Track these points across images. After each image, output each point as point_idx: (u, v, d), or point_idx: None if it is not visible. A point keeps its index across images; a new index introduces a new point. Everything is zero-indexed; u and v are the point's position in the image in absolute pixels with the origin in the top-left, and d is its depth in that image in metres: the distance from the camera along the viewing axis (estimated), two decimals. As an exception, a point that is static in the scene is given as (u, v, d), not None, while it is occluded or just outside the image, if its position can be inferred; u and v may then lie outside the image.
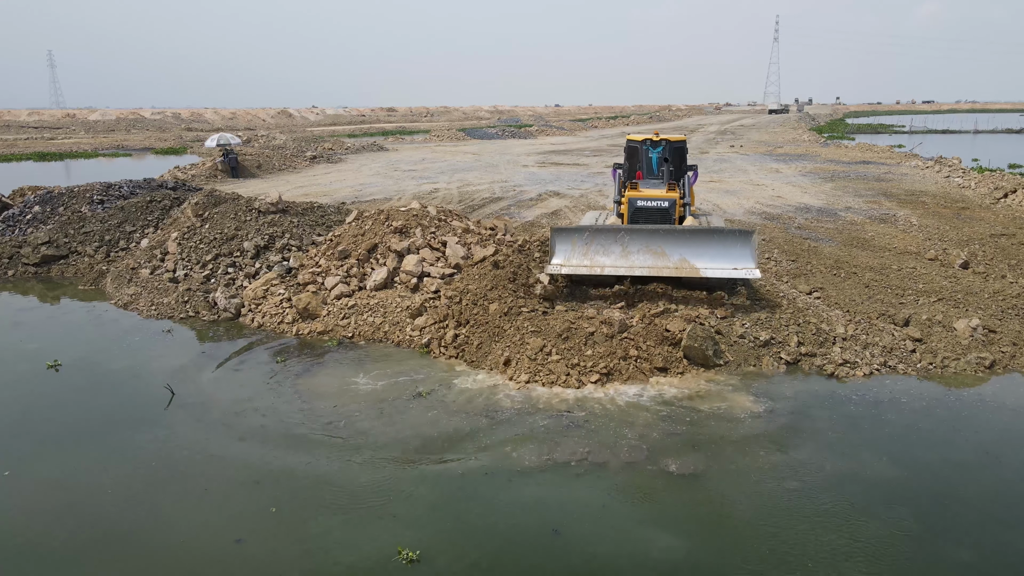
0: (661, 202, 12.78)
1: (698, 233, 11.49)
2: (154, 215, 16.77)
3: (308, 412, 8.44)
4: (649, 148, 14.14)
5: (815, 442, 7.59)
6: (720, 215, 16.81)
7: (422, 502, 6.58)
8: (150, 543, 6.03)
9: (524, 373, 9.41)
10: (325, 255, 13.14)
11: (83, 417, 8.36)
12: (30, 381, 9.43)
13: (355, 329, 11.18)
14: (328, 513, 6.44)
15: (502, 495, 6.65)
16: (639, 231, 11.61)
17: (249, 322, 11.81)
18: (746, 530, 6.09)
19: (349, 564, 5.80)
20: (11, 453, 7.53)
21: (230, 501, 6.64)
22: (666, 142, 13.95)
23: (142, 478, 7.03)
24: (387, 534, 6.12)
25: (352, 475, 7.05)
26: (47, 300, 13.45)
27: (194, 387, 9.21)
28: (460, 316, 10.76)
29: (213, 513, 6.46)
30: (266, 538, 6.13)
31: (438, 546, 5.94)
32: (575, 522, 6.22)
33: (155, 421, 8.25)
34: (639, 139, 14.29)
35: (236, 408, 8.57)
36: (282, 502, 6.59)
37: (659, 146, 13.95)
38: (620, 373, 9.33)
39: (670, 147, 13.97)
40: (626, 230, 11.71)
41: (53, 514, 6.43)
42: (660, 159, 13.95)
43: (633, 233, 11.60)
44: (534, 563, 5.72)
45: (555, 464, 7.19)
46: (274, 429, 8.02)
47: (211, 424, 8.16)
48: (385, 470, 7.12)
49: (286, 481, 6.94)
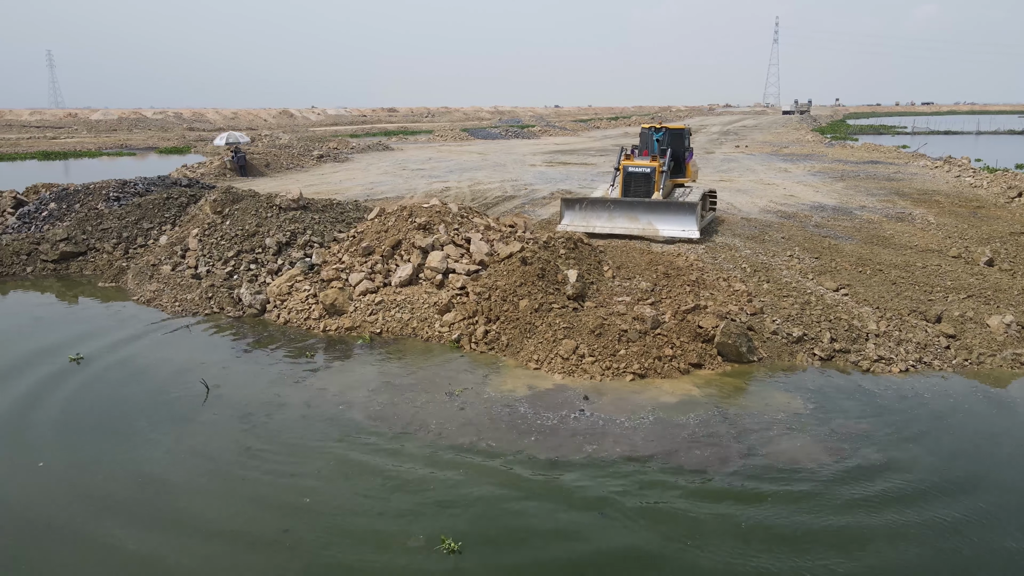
0: (644, 169, 17.02)
1: (660, 205, 16.08)
2: (171, 212, 16.70)
3: (346, 406, 8.38)
4: (652, 133, 18.66)
5: (882, 443, 7.55)
6: (698, 191, 18.41)
7: (464, 494, 6.52)
8: (199, 532, 5.96)
9: (558, 372, 9.36)
10: (348, 251, 13.08)
11: (118, 411, 8.29)
12: (55, 375, 9.35)
13: (383, 325, 11.13)
14: (372, 503, 6.39)
15: (544, 489, 6.60)
16: (620, 203, 16.34)
17: (275, 318, 11.75)
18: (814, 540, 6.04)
19: (393, 554, 5.76)
20: (46, 445, 7.45)
21: (272, 492, 6.57)
22: (665, 128, 18.67)
23: (184, 470, 6.96)
24: (430, 524, 6.08)
25: (394, 467, 6.99)
26: (68, 296, 13.37)
27: (229, 382, 9.14)
28: (490, 312, 10.71)
29: (257, 503, 6.40)
30: (311, 527, 6.08)
31: (479, 538, 5.89)
32: (616, 517, 6.16)
33: (191, 416, 8.18)
34: (647, 126, 19.05)
35: (273, 402, 8.51)
36: (322, 493, 6.53)
37: (660, 131, 18.54)
38: (656, 372, 9.28)
39: (668, 132, 18.57)
40: (612, 202, 16.42)
41: (98, 505, 6.37)
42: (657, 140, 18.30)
43: (617, 204, 16.37)
44: (573, 557, 5.67)
45: (597, 460, 7.13)
46: (313, 423, 7.96)
47: (249, 418, 8.09)
48: (427, 462, 7.06)
49: (327, 472, 6.88)
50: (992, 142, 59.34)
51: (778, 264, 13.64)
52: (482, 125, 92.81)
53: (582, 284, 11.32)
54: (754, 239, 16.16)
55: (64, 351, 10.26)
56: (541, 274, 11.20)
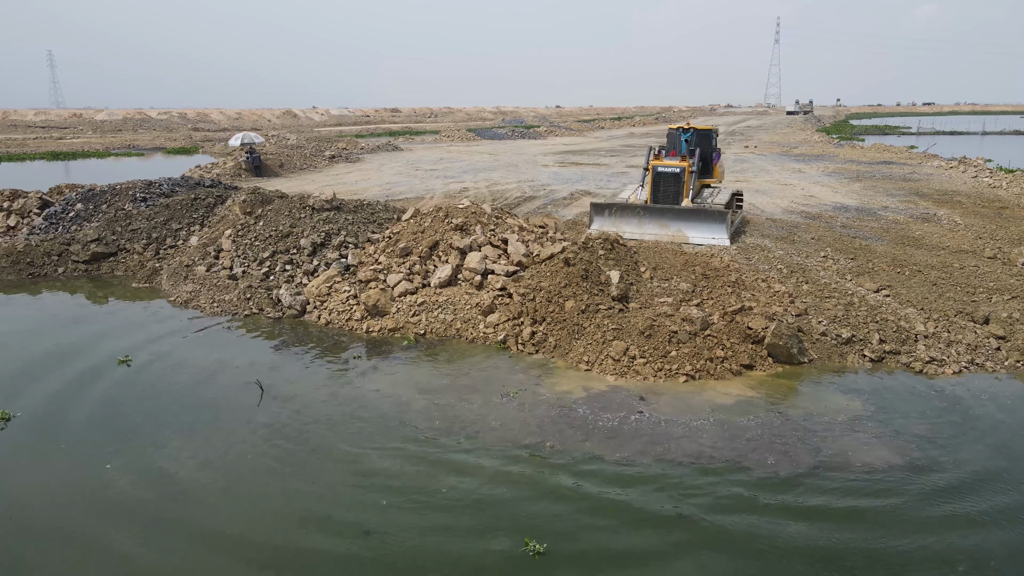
0: (674, 169, 16.90)
1: (690, 212, 16.03)
2: (199, 212, 16.66)
3: (403, 407, 8.35)
4: (680, 133, 18.50)
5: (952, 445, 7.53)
6: (727, 192, 18.43)
7: (538, 496, 6.50)
8: (283, 534, 5.94)
9: (610, 374, 9.35)
10: (385, 252, 13.06)
11: (176, 413, 8.26)
12: (106, 377, 9.32)
13: (426, 326, 11.10)
14: (447, 504, 6.37)
15: (619, 491, 6.57)
16: (650, 209, 16.41)
17: (315, 319, 11.72)
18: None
19: (478, 555, 5.75)
20: (111, 448, 7.42)
21: (347, 494, 6.55)
22: (693, 129, 18.51)
23: (257, 473, 6.94)
24: (509, 526, 6.06)
25: (463, 468, 6.97)
26: (104, 297, 13.34)
27: (280, 384, 9.11)
28: (535, 313, 10.69)
29: (334, 505, 6.38)
30: (391, 530, 6.05)
31: (562, 540, 5.87)
32: (700, 518, 6.14)
33: (250, 418, 8.15)
34: (675, 127, 18.82)
35: (329, 403, 8.48)
36: (396, 495, 6.51)
37: (688, 132, 18.40)
38: (708, 373, 9.26)
39: (696, 133, 18.46)
40: (642, 208, 16.48)
41: (174, 507, 6.34)
42: (685, 141, 18.18)
43: (647, 210, 16.41)
44: (659, 559, 5.65)
45: (666, 463, 7.11)
46: (374, 424, 7.94)
47: (308, 420, 8.06)
48: (496, 464, 7.04)
49: (397, 475, 6.85)
50: (998, 142, 59.35)
51: (814, 265, 13.62)
52: (485, 125, 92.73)
53: (625, 285, 11.31)
54: (784, 240, 16.15)
55: (109, 353, 10.23)
56: (584, 275, 11.18)
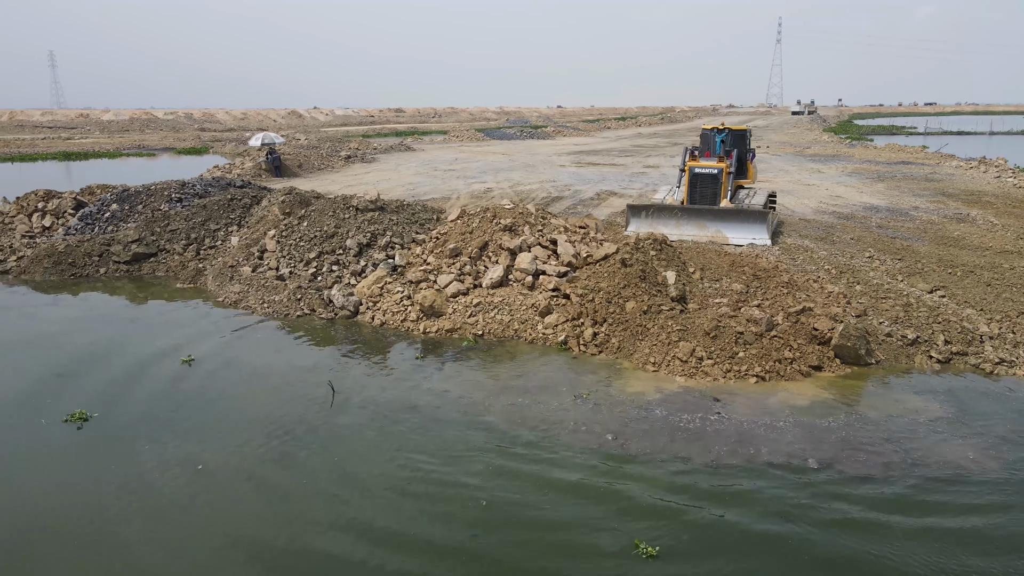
0: (712, 170, 16.77)
1: (729, 213, 15.83)
2: (236, 213, 16.63)
3: (479, 409, 8.31)
4: (715, 134, 18.42)
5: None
6: (763, 193, 18.31)
7: (636, 498, 6.46)
8: (387, 539, 5.89)
9: (678, 375, 9.31)
10: (434, 253, 13.02)
11: (254, 416, 8.21)
12: (174, 377, 9.27)
13: (484, 327, 11.06)
14: (546, 506, 6.33)
15: (716, 494, 6.54)
16: (688, 210, 16.20)
17: (369, 320, 11.67)
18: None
19: (588, 556, 5.70)
20: (196, 449, 7.37)
21: (444, 496, 6.50)
22: (728, 130, 18.38)
23: (352, 473, 6.89)
24: (614, 527, 6.02)
25: (553, 470, 6.93)
26: (150, 297, 13.29)
27: (348, 385, 9.07)
28: (595, 314, 10.65)
29: (435, 505, 6.33)
30: (498, 532, 6.01)
31: (670, 543, 5.83)
32: (809, 521, 6.11)
33: (328, 419, 8.11)
34: (709, 127, 18.69)
35: (403, 405, 8.43)
36: (494, 498, 6.47)
37: (722, 132, 18.28)
38: (778, 374, 9.23)
39: (731, 133, 18.40)
40: (680, 209, 16.30)
41: (270, 513, 6.30)
42: (721, 141, 18.07)
43: (684, 211, 16.22)
44: (772, 562, 5.61)
45: (756, 465, 7.07)
46: (452, 426, 7.89)
47: (386, 422, 8.02)
48: (586, 466, 7.00)
49: (490, 477, 6.81)
50: (1006, 142, 59.35)
51: (861, 266, 13.59)
52: (490, 125, 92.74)
53: (682, 285, 11.27)
54: (824, 240, 16.12)
55: (171, 353, 10.19)
56: (642, 276, 11.14)
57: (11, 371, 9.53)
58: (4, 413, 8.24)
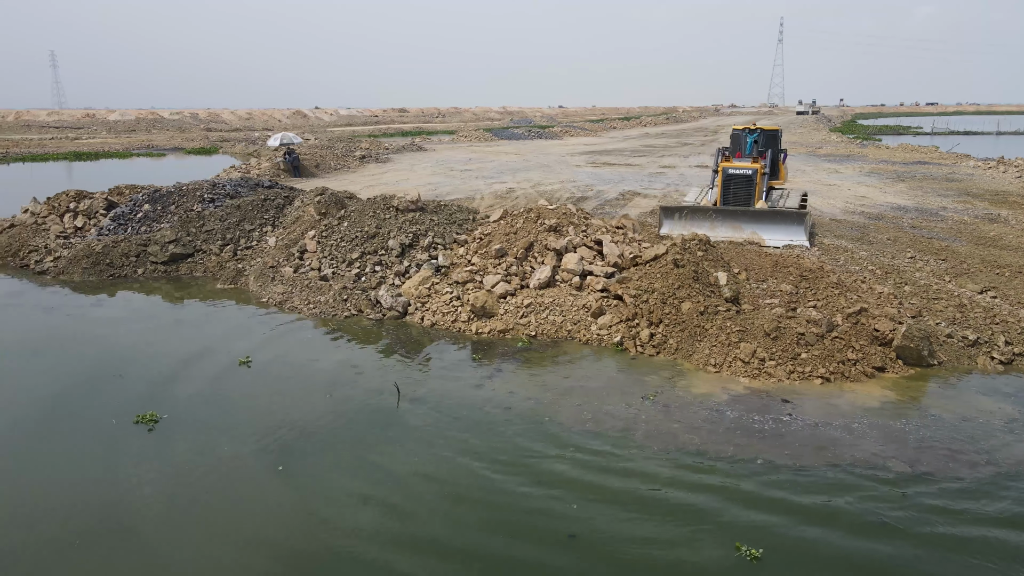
0: (746, 171, 16.61)
1: (766, 214, 15.69)
2: (270, 213, 16.58)
3: (547, 410, 8.26)
4: (746, 134, 18.25)
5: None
6: (796, 194, 18.33)
7: (726, 499, 6.41)
8: (488, 544, 5.85)
9: (741, 376, 9.27)
10: (478, 253, 12.98)
11: (322, 417, 8.16)
12: (235, 378, 9.22)
13: (537, 328, 11.01)
14: (637, 507, 6.29)
15: (808, 496, 6.49)
16: (723, 212, 15.98)
17: (418, 320, 11.63)
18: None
19: (692, 559, 5.65)
20: (272, 452, 7.33)
21: (533, 496, 6.45)
22: (760, 130, 18.20)
23: (427, 482, 6.84)
24: (709, 528, 5.98)
25: (636, 471, 6.88)
26: (193, 298, 13.23)
27: (410, 386, 9.01)
28: (651, 315, 10.60)
29: (522, 510, 6.28)
30: (593, 534, 5.97)
31: (770, 545, 5.78)
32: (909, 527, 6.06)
33: (398, 421, 8.06)
34: (741, 128, 18.53)
35: (471, 406, 8.38)
36: (582, 500, 6.42)
37: (754, 133, 18.10)
38: (843, 376, 9.18)
39: (763, 134, 18.19)
40: (714, 210, 16.07)
41: (361, 518, 6.25)
42: (753, 142, 17.92)
43: (719, 213, 15.98)
44: (877, 563, 5.57)
45: (841, 466, 7.03)
46: (525, 428, 7.83)
47: (457, 423, 7.96)
48: (671, 467, 6.95)
49: (575, 479, 6.76)
50: (1013, 142, 59.36)
51: (905, 266, 13.56)
52: (493, 125, 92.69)
53: (736, 286, 11.23)
54: (860, 240, 16.09)
55: (224, 353, 10.15)
56: (695, 276, 11.10)
57: (71, 372, 9.48)
58: (74, 415, 8.19)
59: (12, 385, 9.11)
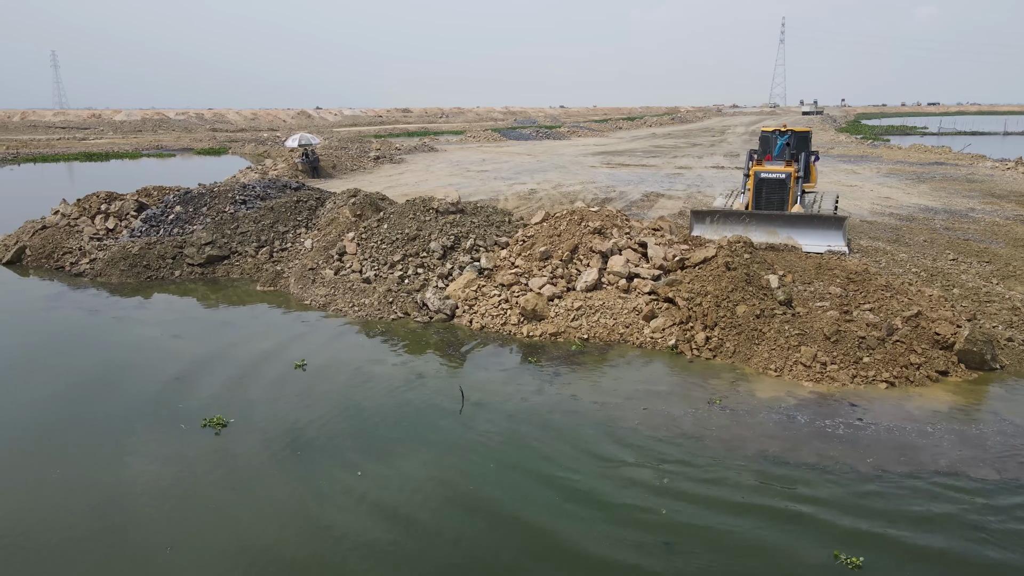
0: (779, 175, 16.20)
1: (801, 219, 15.14)
2: (303, 215, 16.53)
3: (613, 414, 8.19)
4: (777, 136, 17.75)
5: None
6: (830, 196, 18.21)
7: (819, 506, 6.35)
8: (590, 550, 5.79)
9: (803, 380, 9.21)
10: (522, 256, 12.92)
11: (390, 420, 8.09)
12: (294, 382, 9.15)
13: (589, 331, 10.95)
14: (728, 512, 6.23)
15: (899, 502, 6.43)
16: (756, 216, 15.49)
17: (467, 323, 11.56)
18: None
19: (791, 570, 5.58)
20: (348, 457, 7.26)
21: (618, 501, 6.39)
22: (791, 132, 17.73)
23: (509, 490, 6.77)
24: (808, 539, 5.91)
25: (718, 478, 6.82)
26: (234, 301, 13.16)
27: (471, 389, 8.95)
28: (705, 318, 10.54)
29: (614, 516, 6.21)
30: (690, 541, 5.90)
31: (872, 553, 5.71)
32: (1010, 532, 6.00)
33: (466, 423, 7.99)
34: (770, 130, 18.08)
35: (535, 410, 8.31)
36: (670, 504, 6.36)
37: (785, 134, 17.57)
38: (907, 380, 9.12)
39: (794, 135, 17.71)
40: (747, 214, 15.64)
41: (449, 524, 6.19)
42: (784, 144, 17.38)
43: (753, 217, 15.50)
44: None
45: (923, 473, 6.97)
46: (593, 432, 7.76)
47: (525, 427, 7.89)
48: (754, 474, 6.89)
49: (653, 486, 6.69)
50: (1020, 142, 59.35)
51: (949, 269, 13.50)
52: (497, 125, 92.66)
53: (789, 289, 11.17)
54: (896, 242, 16.04)
55: (278, 356, 10.09)
56: (747, 279, 11.04)
57: (131, 376, 9.42)
58: (142, 419, 8.12)
59: (76, 390, 9.04)
